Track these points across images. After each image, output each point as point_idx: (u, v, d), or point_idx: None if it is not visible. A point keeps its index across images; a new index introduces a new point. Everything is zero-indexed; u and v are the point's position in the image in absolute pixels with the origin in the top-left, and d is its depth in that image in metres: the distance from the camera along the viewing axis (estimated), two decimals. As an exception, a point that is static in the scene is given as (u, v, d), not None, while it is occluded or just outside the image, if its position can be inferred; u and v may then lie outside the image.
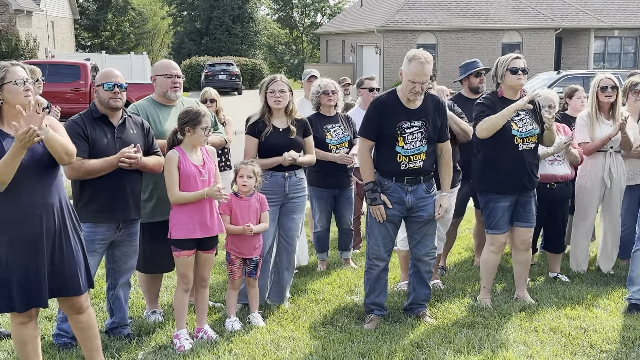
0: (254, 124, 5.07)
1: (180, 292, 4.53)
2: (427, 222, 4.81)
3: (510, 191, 5.06)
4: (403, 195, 4.71)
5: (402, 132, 4.64)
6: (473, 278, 5.99)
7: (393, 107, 4.68)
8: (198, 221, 4.40)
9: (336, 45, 39.99)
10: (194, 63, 37.51)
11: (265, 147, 5.02)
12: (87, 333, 3.84)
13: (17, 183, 3.44)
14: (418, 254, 4.89)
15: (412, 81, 4.56)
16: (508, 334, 4.59)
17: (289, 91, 5.05)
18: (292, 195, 5.13)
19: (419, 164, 4.68)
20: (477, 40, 31.26)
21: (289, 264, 5.25)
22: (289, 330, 4.74)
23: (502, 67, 5.02)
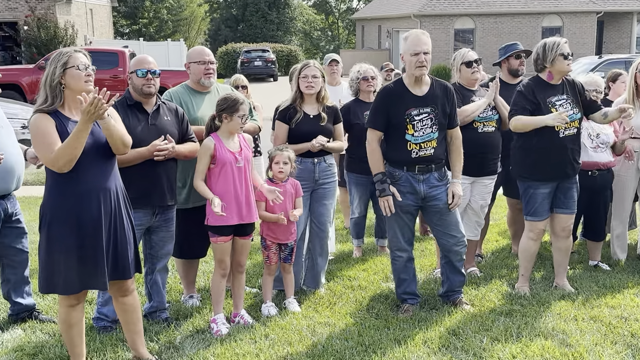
0: (285, 110, 5.06)
1: (218, 278, 4.57)
2: (446, 211, 4.73)
3: (550, 178, 4.97)
4: (415, 184, 4.64)
5: (412, 120, 4.57)
6: (510, 265, 5.92)
7: (400, 95, 4.61)
8: (235, 208, 4.43)
9: (372, 30, 39.72)
10: (230, 50, 37.64)
11: (296, 133, 5.01)
12: (131, 315, 3.92)
13: (80, 166, 3.55)
14: (447, 245, 4.83)
15: (415, 52, 4.50)
16: (547, 323, 4.53)
17: (321, 77, 5.04)
18: (322, 181, 5.12)
19: (430, 151, 4.62)
20: (516, 24, 30.74)
21: (322, 249, 5.26)
22: (324, 316, 4.75)
23: (552, 51, 4.89)
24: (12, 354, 4.09)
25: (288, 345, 4.24)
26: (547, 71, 4.96)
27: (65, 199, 3.57)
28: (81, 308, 3.79)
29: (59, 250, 3.57)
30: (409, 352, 4.14)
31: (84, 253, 3.59)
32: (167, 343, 4.29)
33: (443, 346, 4.22)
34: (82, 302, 3.79)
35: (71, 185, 3.57)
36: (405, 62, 4.61)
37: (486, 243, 6.61)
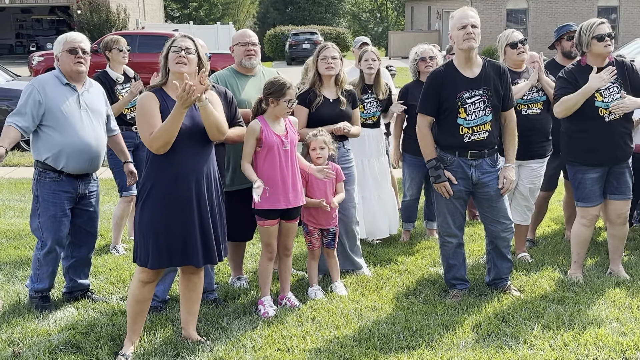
0: (305, 94, 4.99)
1: (265, 261, 4.59)
2: (496, 198, 4.62)
3: (598, 163, 4.82)
4: (467, 170, 4.54)
5: (463, 103, 4.46)
6: (563, 252, 5.78)
7: (451, 78, 4.49)
8: (282, 192, 4.42)
9: (421, 12, 39.18)
10: (279, 32, 37.65)
11: (315, 117, 4.95)
12: (193, 294, 4.04)
13: (176, 149, 3.68)
14: (494, 232, 4.72)
15: (462, 25, 4.39)
16: (600, 310, 4.41)
17: (340, 59, 4.97)
18: (342, 166, 5.04)
19: (483, 135, 4.50)
20: (570, 4, 29.88)
21: (347, 232, 5.20)
22: (371, 300, 4.73)
23: (585, 34, 4.73)
24: (65, 332, 4.20)
25: (335, 329, 4.24)
26: (586, 55, 4.79)
27: (159, 179, 3.72)
28: (151, 287, 3.93)
29: (149, 225, 3.73)
30: (457, 337, 4.08)
31: (174, 231, 3.73)
32: (215, 324, 4.34)
33: (492, 332, 4.15)
34: (155, 281, 3.92)
35: (166, 166, 3.71)
36: (453, 40, 4.50)
37: (538, 228, 6.46)
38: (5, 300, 4.82)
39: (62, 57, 4.53)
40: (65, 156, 4.43)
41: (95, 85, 4.75)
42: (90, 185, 4.67)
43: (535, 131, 5.25)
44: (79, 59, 4.51)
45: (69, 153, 4.43)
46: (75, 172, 4.51)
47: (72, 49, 4.51)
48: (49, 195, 4.48)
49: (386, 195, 6.08)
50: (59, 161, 4.43)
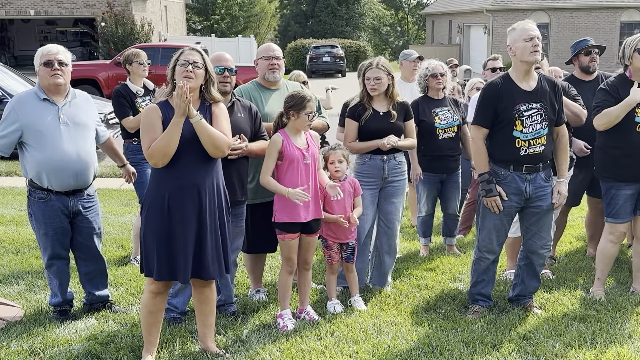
0: (355, 107, 5.02)
1: (285, 274, 4.59)
2: (545, 213, 4.59)
3: (634, 179, 4.78)
4: (521, 184, 4.50)
5: (520, 116, 4.42)
6: (585, 269, 5.72)
7: (508, 90, 4.46)
8: (302, 205, 4.43)
9: (442, 25, 39.18)
10: (299, 45, 37.86)
11: (365, 130, 4.97)
12: (205, 307, 4.02)
13: (176, 162, 3.68)
14: (534, 247, 4.68)
15: (529, 37, 4.36)
16: (623, 329, 4.35)
17: (387, 76, 4.96)
18: (392, 178, 5.05)
19: (539, 148, 4.46)
20: (592, 19, 29.74)
21: (389, 248, 5.20)
22: (390, 315, 4.71)
23: (630, 47, 4.73)
24: (86, 343, 4.22)
25: (354, 343, 4.22)
26: (629, 69, 4.77)
27: (160, 191, 3.73)
28: (163, 298, 3.93)
29: (152, 237, 3.75)
30: (477, 355, 4.05)
31: (173, 245, 3.73)
32: (234, 337, 4.34)
33: (513, 350, 4.11)
34: (165, 292, 3.94)
35: (168, 179, 3.71)
36: (514, 53, 4.46)
37: (560, 245, 6.41)
38: (27, 309, 4.87)
39: (39, 71, 4.41)
40: (46, 174, 4.35)
41: (80, 96, 4.60)
42: (83, 202, 4.55)
43: None
44: (56, 71, 4.36)
45: (49, 170, 4.35)
46: (61, 190, 4.43)
47: (48, 62, 4.37)
48: (39, 214, 4.45)
49: None
50: (42, 180, 4.37)
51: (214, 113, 3.82)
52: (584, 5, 29.70)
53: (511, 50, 4.47)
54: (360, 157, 5.07)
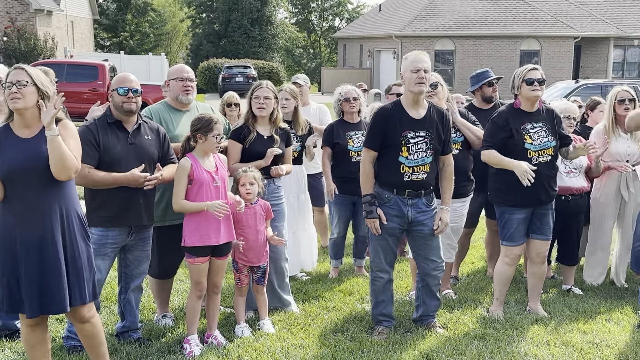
0: (239, 129, 5.05)
1: (194, 299, 4.53)
2: (430, 236, 4.75)
3: (525, 204, 5.01)
4: (404, 208, 4.65)
5: (407, 142, 4.58)
6: (486, 289, 5.95)
7: (398, 116, 4.62)
8: (213, 228, 4.40)
9: (354, 49, 39.97)
10: (212, 65, 37.65)
11: (249, 153, 4.99)
12: (91, 340, 3.83)
13: (12, 187, 3.48)
14: (426, 269, 4.84)
15: (416, 69, 4.52)
16: (520, 347, 4.55)
17: (274, 98, 5.04)
18: (271, 202, 5.06)
19: (422, 175, 4.63)
20: (495, 47, 31.13)
21: (276, 269, 5.22)
22: (298, 338, 4.73)
23: (519, 78, 4.98)
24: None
25: (261, 367, 4.21)
26: (518, 98, 5.03)
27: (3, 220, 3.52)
28: (42, 329, 3.72)
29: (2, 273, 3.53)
30: (382, 375, 4.12)
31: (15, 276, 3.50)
32: (139, 363, 4.24)
33: (416, 370, 4.21)
34: (42, 324, 3.70)
35: (6, 205, 3.51)
36: (404, 82, 4.63)
37: (462, 265, 6.64)
38: None
39: None
40: None
41: None
42: None
43: (456, 171, 5.42)
44: None
45: None
46: None
47: None
48: None
49: (303, 233, 6.15)
50: None
51: (60, 133, 3.54)
52: (487, 34, 31.06)
53: (402, 79, 4.65)
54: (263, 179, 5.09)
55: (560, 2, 33.58)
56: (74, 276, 3.63)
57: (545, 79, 5.01)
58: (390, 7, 38.38)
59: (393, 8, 37.52)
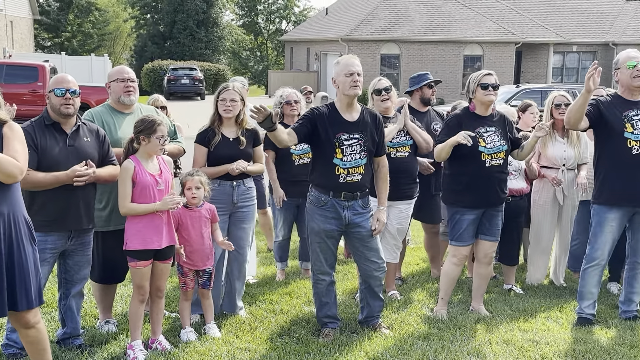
0: (204, 133, 5.03)
1: (136, 303, 4.46)
2: (368, 238, 4.79)
3: (476, 206, 5.12)
4: (340, 210, 4.68)
5: (341, 144, 4.63)
6: (431, 289, 6.04)
7: (332, 118, 4.66)
8: (155, 231, 4.35)
9: (301, 52, 40.06)
10: (157, 67, 37.16)
11: (215, 156, 4.98)
12: (35, 347, 3.73)
13: None
14: (367, 271, 4.88)
15: (349, 72, 4.58)
16: (463, 346, 4.64)
17: (240, 101, 5.03)
18: (241, 204, 5.08)
19: (357, 177, 4.67)
20: (439, 52, 31.66)
21: (239, 273, 5.21)
22: (245, 341, 4.71)
23: (473, 82, 5.08)
24: None
25: (207, 372, 4.17)
26: (472, 102, 5.14)
27: None
28: None
29: None
30: (328, 377, 4.14)
31: None
32: (81, 371, 4.15)
33: (362, 371, 4.25)
34: None
35: None
36: (338, 86, 4.66)
37: (407, 267, 6.73)
38: None
39: None
40: None
41: None
42: None
43: (403, 173, 5.51)
44: None
45: None
46: None
47: None
48: None
49: None
50: None
51: (5, 135, 3.48)
52: (432, 39, 31.56)
53: (335, 83, 4.70)
54: (209, 183, 5.06)
55: (502, 8, 34.41)
56: (20, 280, 3.54)
57: (499, 84, 5.13)
58: (337, 10, 38.64)
59: (339, 12, 37.78)
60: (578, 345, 4.68)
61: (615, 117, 4.95)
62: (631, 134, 4.92)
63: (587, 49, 34.41)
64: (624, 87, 5.05)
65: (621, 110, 4.97)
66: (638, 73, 4.92)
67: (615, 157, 4.98)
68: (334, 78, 4.68)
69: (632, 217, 5.10)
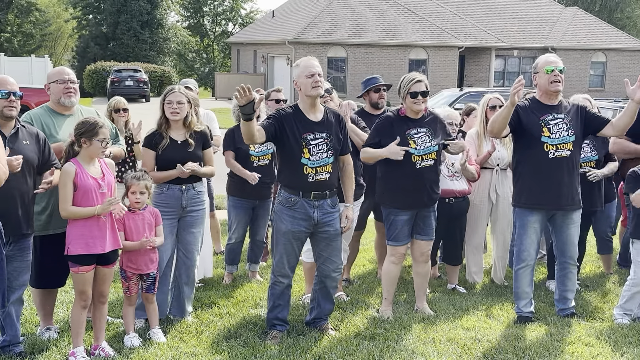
0: (151, 136, 4.99)
1: (78, 309, 4.38)
2: (334, 238, 4.85)
3: (409, 206, 5.20)
4: (310, 210, 4.73)
5: (307, 144, 4.68)
6: (377, 290, 6.11)
7: (298, 119, 4.70)
8: (97, 235, 4.28)
9: (248, 55, 39.90)
10: (100, 68, 36.48)
11: (163, 159, 4.94)
12: None
13: None
14: (327, 271, 4.92)
15: (311, 73, 4.64)
16: (407, 345, 4.71)
17: (187, 103, 4.99)
18: (191, 208, 5.05)
19: (325, 176, 4.73)
20: (385, 55, 32.01)
21: (188, 278, 5.18)
22: (190, 346, 4.67)
23: (403, 89, 5.15)
24: None
25: (151, 377, 4.13)
26: (402, 107, 5.22)
27: None
28: None
29: None
30: (274, 379, 4.15)
31: None
32: (20, 380, 4.05)
33: (308, 372, 4.27)
34: None
35: None
36: (300, 88, 4.70)
37: (354, 268, 6.79)
38: None
39: None
40: None
41: None
42: None
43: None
44: None
45: None
46: None
47: None
48: None
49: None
50: None
51: None
52: (378, 42, 31.88)
53: (297, 85, 4.73)
54: (158, 187, 5.01)
55: (445, 13, 35.02)
56: None
57: (429, 90, 5.20)
58: (284, 13, 38.65)
59: (286, 14, 37.80)
60: (518, 342, 4.81)
61: (532, 122, 5.11)
62: (548, 138, 5.08)
63: (527, 54, 35.34)
64: (542, 91, 5.21)
65: (538, 114, 5.12)
66: (555, 78, 5.09)
67: (533, 161, 5.14)
68: (296, 80, 4.72)
69: (552, 219, 5.28)
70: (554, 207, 5.18)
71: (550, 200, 5.14)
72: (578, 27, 36.01)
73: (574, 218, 5.26)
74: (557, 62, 5.13)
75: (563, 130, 5.09)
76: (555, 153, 5.09)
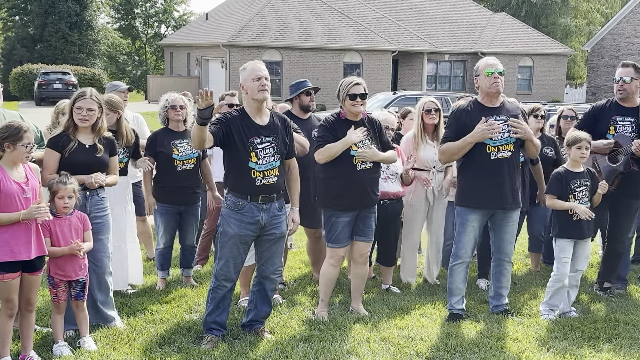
0: (58, 137, 4.83)
1: (4, 318, 4.24)
2: (278, 240, 4.85)
3: (350, 208, 5.25)
4: (258, 214, 4.71)
5: (255, 148, 4.66)
6: (312, 292, 6.14)
7: (245, 123, 4.68)
8: (23, 241, 4.15)
9: (181, 57, 39.38)
10: (26, 71, 35.35)
11: (70, 163, 4.78)
12: None
13: None
14: (266, 272, 4.91)
15: (257, 77, 4.64)
16: (342, 346, 4.75)
17: (98, 109, 4.87)
18: (95, 215, 4.92)
19: (273, 179, 4.72)
20: (320, 59, 32.18)
21: (100, 284, 5.04)
22: (122, 354, 4.58)
23: (342, 92, 5.20)
24: None
25: (82, 387, 4.03)
26: (342, 110, 5.26)
27: None
28: None
29: None
30: (209, 384, 4.11)
31: None
32: (-59, 394, 3.88)
33: (244, 376, 4.25)
34: None
35: None
36: (246, 91, 4.67)
37: (289, 270, 6.80)
38: None
39: None
40: None
41: None
42: None
43: None
44: None
45: None
46: None
47: None
48: None
49: (130, 245, 6.00)
50: None
51: None
52: (312, 46, 32.03)
53: (243, 89, 4.73)
54: None
55: (379, 18, 35.50)
56: None
57: (367, 93, 5.26)
58: (217, 16, 38.33)
59: (220, 17, 37.50)
60: (450, 340, 4.92)
61: (475, 125, 5.23)
62: (490, 139, 5.22)
63: (458, 58, 36.20)
64: (484, 94, 5.35)
65: (480, 117, 5.25)
66: (495, 80, 5.24)
67: (476, 162, 5.28)
68: (242, 84, 4.70)
69: (492, 217, 5.43)
70: (496, 207, 5.32)
71: (492, 200, 5.28)
72: (506, 32, 37.11)
73: (514, 217, 5.43)
74: (496, 64, 5.29)
75: (504, 132, 5.23)
76: (497, 154, 5.23)
